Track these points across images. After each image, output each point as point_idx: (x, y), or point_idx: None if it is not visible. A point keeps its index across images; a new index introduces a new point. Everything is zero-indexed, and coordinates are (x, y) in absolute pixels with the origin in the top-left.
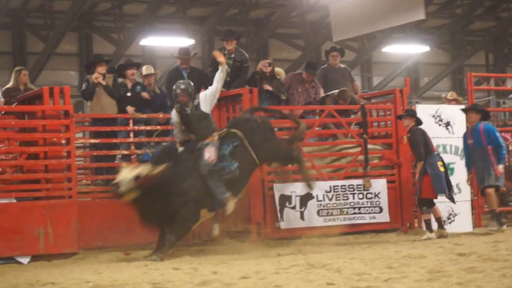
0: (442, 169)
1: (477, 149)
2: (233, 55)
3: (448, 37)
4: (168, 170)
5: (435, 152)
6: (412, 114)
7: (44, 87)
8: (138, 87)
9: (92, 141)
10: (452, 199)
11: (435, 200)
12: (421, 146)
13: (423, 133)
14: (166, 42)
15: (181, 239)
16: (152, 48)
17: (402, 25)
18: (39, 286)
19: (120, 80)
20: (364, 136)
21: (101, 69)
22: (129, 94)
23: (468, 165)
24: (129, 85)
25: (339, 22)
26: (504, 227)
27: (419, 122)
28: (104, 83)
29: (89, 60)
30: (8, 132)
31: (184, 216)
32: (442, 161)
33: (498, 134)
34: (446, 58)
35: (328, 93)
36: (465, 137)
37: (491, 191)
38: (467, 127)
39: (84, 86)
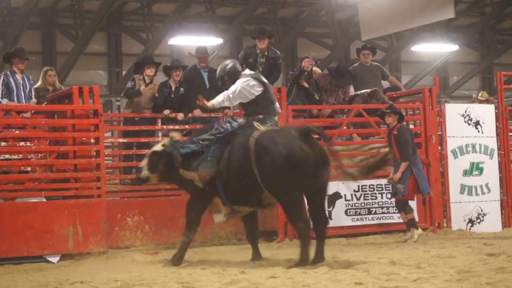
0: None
1: None
2: (266, 53)
3: (478, 35)
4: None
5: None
6: (395, 111)
7: (73, 87)
8: (181, 89)
9: (121, 140)
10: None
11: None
12: (410, 145)
13: (411, 132)
14: (195, 42)
15: None
16: (180, 48)
17: (431, 24)
18: (68, 285)
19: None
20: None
21: (149, 71)
22: (172, 96)
23: None
24: (173, 86)
25: (368, 21)
26: None
27: (402, 118)
28: (147, 92)
29: (139, 60)
30: (38, 131)
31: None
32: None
33: None
34: (476, 57)
35: (358, 92)
36: None
37: None
38: None
39: (129, 84)
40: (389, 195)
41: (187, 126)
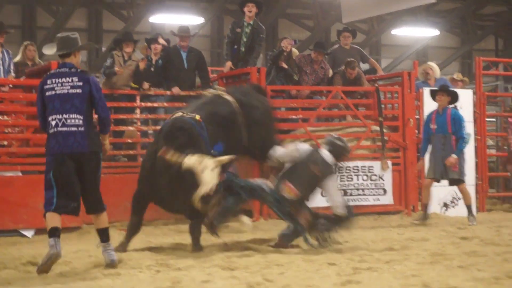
0: None
1: (439, 136)
2: (251, 22)
3: (458, 21)
4: None
5: None
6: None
7: (52, 62)
8: (160, 61)
9: None
10: None
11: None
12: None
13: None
14: (176, 20)
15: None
16: (161, 25)
17: (412, 8)
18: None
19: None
20: (380, 118)
21: (128, 48)
22: (152, 69)
23: (424, 149)
24: (154, 59)
25: (349, 3)
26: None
27: None
28: (124, 71)
29: (118, 37)
30: (15, 106)
31: None
32: None
33: (464, 124)
34: (456, 42)
35: (335, 71)
36: (429, 120)
37: (463, 187)
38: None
39: (108, 62)
40: (365, 177)
41: (165, 104)
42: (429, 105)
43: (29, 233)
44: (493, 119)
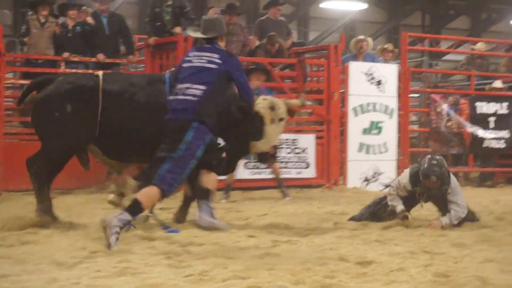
0: None
1: None
2: (170, 2)
3: None
4: None
5: None
6: None
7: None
8: (78, 28)
9: (22, 82)
10: None
11: None
12: None
13: None
14: None
15: None
16: None
17: None
18: None
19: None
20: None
21: (44, 12)
22: (70, 35)
23: None
24: (70, 25)
25: None
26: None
27: None
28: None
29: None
30: None
31: None
32: None
33: None
34: (383, 17)
35: (258, 44)
36: None
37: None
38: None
39: (23, 28)
40: (288, 150)
41: (90, 71)
42: (355, 79)
43: None
44: (417, 95)
